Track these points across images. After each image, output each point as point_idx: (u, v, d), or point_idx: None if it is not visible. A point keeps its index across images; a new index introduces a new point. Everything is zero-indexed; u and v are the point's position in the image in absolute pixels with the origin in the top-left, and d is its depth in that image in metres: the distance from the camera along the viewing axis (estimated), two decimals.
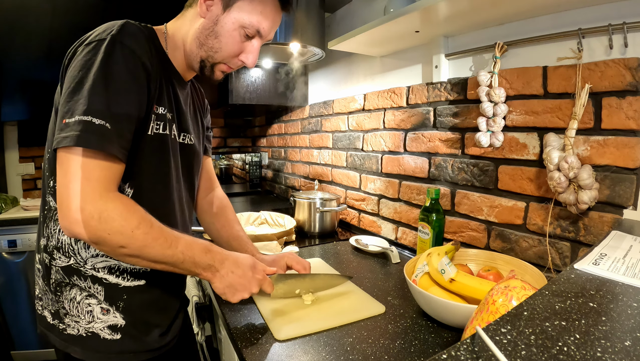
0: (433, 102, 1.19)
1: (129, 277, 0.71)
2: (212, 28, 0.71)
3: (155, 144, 0.69)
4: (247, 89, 1.90)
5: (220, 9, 0.70)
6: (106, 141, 0.57)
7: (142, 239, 0.59)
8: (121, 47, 0.61)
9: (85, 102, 0.57)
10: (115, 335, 0.69)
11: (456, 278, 0.74)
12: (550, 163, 0.80)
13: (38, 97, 2.12)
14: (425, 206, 1.05)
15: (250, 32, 0.72)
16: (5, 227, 1.84)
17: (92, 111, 0.57)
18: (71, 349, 0.68)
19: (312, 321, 0.77)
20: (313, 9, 1.47)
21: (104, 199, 0.58)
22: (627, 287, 0.43)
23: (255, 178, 2.70)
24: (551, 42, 0.86)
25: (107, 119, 0.58)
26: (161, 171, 0.73)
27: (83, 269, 0.68)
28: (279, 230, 1.40)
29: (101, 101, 0.58)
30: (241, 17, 0.70)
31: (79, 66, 0.60)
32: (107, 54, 0.60)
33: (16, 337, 1.93)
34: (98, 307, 0.69)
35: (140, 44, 0.64)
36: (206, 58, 0.73)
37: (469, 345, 0.32)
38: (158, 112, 0.69)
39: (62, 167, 0.58)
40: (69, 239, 0.68)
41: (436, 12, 0.93)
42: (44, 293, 0.72)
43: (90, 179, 0.57)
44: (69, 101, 0.58)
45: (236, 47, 0.73)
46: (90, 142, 0.56)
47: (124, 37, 0.62)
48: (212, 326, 1.23)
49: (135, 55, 0.63)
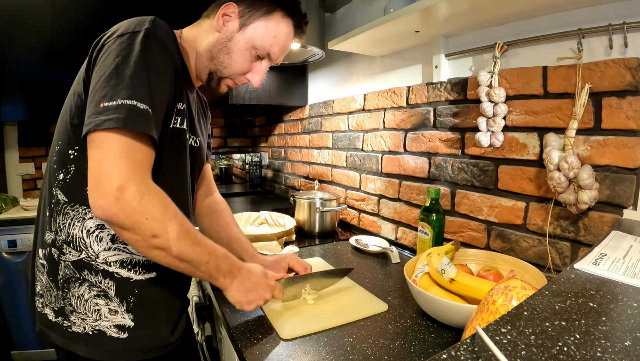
0: (433, 102, 1.19)
1: (141, 270, 0.71)
2: (225, 44, 0.73)
3: (174, 137, 0.71)
4: (247, 89, 1.90)
5: (237, 26, 0.72)
6: (151, 125, 0.58)
7: (177, 230, 0.59)
8: (156, 40, 0.62)
9: (128, 87, 0.57)
10: (122, 334, 0.69)
11: (456, 278, 0.74)
12: (550, 163, 0.80)
13: (38, 97, 2.12)
14: (425, 206, 1.05)
15: (261, 54, 0.74)
16: (5, 227, 1.84)
17: (136, 96, 0.57)
18: (74, 347, 0.68)
19: (317, 319, 0.78)
20: (313, 9, 1.47)
21: (145, 183, 0.57)
22: (627, 287, 0.43)
23: (255, 178, 2.70)
24: (551, 42, 0.86)
25: (150, 105, 0.58)
26: (178, 166, 0.74)
27: (94, 263, 0.68)
28: (279, 230, 1.40)
29: (144, 87, 0.58)
30: (255, 38, 0.72)
31: (114, 54, 0.59)
32: (144, 44, 0.60)
33: (16, 337, 1.93)
34: (106, 308, 0.68)
35: (169, 38, 0.66)
36: (215, 71, 0.75)
37: (469, 345, 0.32)
38: (178, 108, 0.71)
39: (102, 147, 0.55)
40: (80, 233, 0.67)
41: (436, 12, 0.93)
42: (46, 290, 0.70)
43: (135, 160, 0.57)
44: (105, 86, 0.57)
45: (245, 65, 0.75)
46: (138, 125, 0.56)
47: (158, 31, 0.64)
48: (212, 326, 1.23)
49: (168, 50, 0.64)
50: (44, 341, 1.92)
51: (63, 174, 0.68)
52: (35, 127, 2.35)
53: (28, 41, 1.98)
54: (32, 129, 2.36)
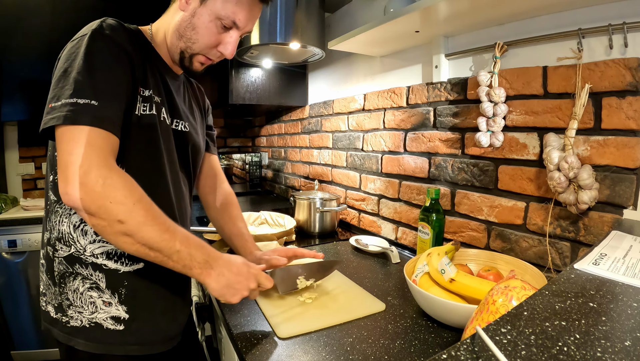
0: (433, 102, 1.19)
1: (127, 261, 0.72)
2: (189, 20, 0.73)
3: (142, 123, 0.71)
4: (247, 89, 1.90)
5: (198, 1, 0.72)
6: (95, 116, 0.59)
7: (143, 215, 0.58)
8: (102, 37, 0.64)
9: (71, 87, 0.59)
10: (118, 326, 0.70)
11: (456, 278, 0.74)
12: (550, 163, 0.80)
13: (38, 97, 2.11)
14: (425, 206, 1.05)
15: (226, 24, 0.73)
16: (5, 227, 1.84)
17: (77, 93, 0.59)
18: (74, 341, 0.69)
19: (315, 318, 0.78)
20: (313, 9, 1.47)
21: (108, 167, 0.58)
22: (627, 287, 0.43)
23: (255, 178, 2.70)
24: (551, 42, 0.86)
25: (93, 97, 0.60)
26: (150, 151, 0.73)
27: (83, 257, 0.69)
28: (279, 230, 1.40)
29: (86, 83, 0.60)
30: (217, 9, 0.72)
31: (64, 58, 0.64)
32: (89, 45, 0.63)
33: (16, 337, 1.93)
34: (100, 300, 0.70)
35: (118, 33, 0.67)
36: (185, 49, 0.75)
37: (469, 345, 0.32)
38: (144, 95, 0.71)
39: (63, 140, 0.58)
40: (68, 228, 0.69)
41: (436, 12, 0.93)
42: (47, 288, 0.73)
43: (93, 146, 0.58)
44: (54, 88, 0.61)
45: (213, 38, 0.74)
46: (79, 120, 0.58)
47: (104, 29, 0.65)
48: (212, 326, 1.23)
49: (115, 42, 0.66)
50: (44, 340, 1.93)
51: (52, 176, 0.71)
52: (35, 127, 2.32)
53: (28, 41, 1.98)
54: (32, 129, 2.36)
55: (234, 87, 1.88)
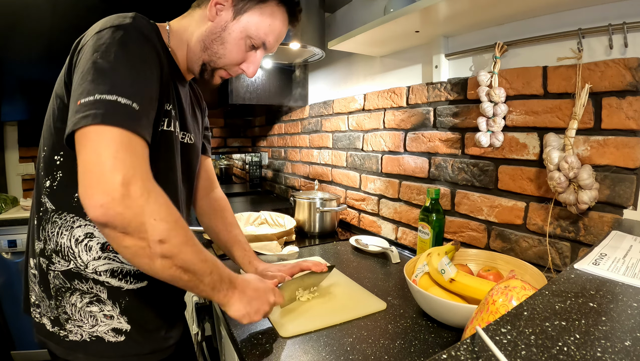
0: (433, 102, 1.19)
1: (132, 279, 0.68)
2: (219, 34, 0.70)
3: (162, 141, 0.67)
4: (247, 89, 1.91)
5: (231, 15, 0.70)
6: (136, 122, 0.52)
7: (184, 235, 0.53)
8: (137, 33, 0.59)
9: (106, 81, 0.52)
10: (119, 337, 0.67)
11: (456, 278, 0.74)
12: (550, 163, 0.80)
13: (38, 97, 2.12)
14: (425, 206, 1.05)
15: (256, 43, 0.72)
16: (5, 227, 1.84)
17: (116, 90, 0.52)
18: (73, 356, 0.65)
19: (315, 318, 0.78)
20: (313, 9, 1.47)
21: (151, 180, 0.51)
22: (627, 287, 0.43)
23: (255, 178, 2.70)
24: (551, 42, 0.86)
25: (134, 100, 0.53)
26: (168, 170, 0.71)
27: (84, 273, 0.65)
28: (279, 230, 1.40)
29: (125, 80, 0.53)
30: (250, 28, 0.70)
31: (92, 50, 0.55)
32: (124, 37, 0.57)
33: (16, 337, 1.93)
34: (101, 314, 0.66)
35: (152, 34, 0.64)
36: (208, 62, 0.72)
37: (469, 345, 0.32)
38: (165, 109, 0.67)
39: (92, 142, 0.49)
40: (68, 242, 0.65)
41: (436, 12, 0.93)
42: (41, 300, 0.68)
43: (137, 154, 0.51)
44: (82, 83, 0.53)
45: (240, 55, 0.73)
46: (119, 122, 0.50)
47: (139, 24, 0.61)
48: (212, 326, 1.23)
49: (150, 43, 0.61)
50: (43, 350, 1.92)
51: (49, 181, 0.65)
52: (35, 127, 2.35)
53: (28, 41, 1.98)
54: (32, 129, 2.36)
55: (234, 87, 1.88)
